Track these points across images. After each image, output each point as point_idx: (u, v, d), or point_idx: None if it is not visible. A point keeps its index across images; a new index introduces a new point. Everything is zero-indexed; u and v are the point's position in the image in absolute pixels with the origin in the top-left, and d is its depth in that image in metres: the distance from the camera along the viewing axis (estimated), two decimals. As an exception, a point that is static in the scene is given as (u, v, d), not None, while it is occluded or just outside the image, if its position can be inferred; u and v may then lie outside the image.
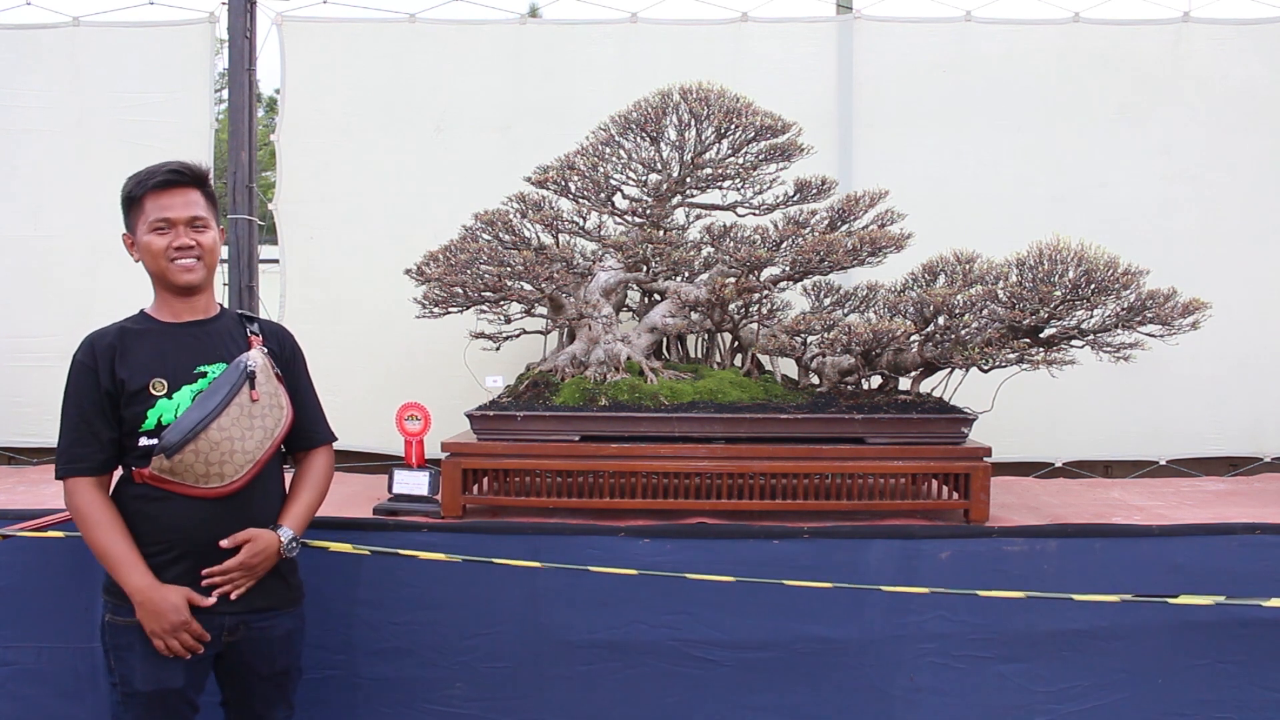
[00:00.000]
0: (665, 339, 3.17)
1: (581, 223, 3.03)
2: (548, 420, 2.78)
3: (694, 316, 3.07)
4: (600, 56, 3.85)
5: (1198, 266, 3.62)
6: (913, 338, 2.85)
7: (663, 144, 3.05)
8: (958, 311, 2.79)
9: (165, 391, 2.09)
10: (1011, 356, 2.71)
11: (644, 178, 3.11)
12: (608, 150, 3.06)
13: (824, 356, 2.94)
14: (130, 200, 2.15)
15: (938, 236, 3.16)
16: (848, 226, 3.13)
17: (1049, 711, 2.65)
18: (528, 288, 2.90)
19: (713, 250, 2.99)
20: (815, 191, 3.13)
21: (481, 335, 3.14)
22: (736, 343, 3.16)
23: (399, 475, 2.84)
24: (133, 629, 2.07)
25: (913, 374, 2.92)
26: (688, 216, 3.24)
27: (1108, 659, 2.65)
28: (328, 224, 3.87)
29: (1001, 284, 2.76)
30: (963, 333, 2.78)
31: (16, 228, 3.91)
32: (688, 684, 2.65)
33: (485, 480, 2.85)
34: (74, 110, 3.89)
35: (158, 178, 2.12)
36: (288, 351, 2.31)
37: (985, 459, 2.75)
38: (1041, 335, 2.78)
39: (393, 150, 3.85)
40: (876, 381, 3.02)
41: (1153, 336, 2.75)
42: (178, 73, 3.87)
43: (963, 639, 2.64)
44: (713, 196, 3.20)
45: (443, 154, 3.85)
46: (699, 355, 3.26)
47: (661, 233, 2.97)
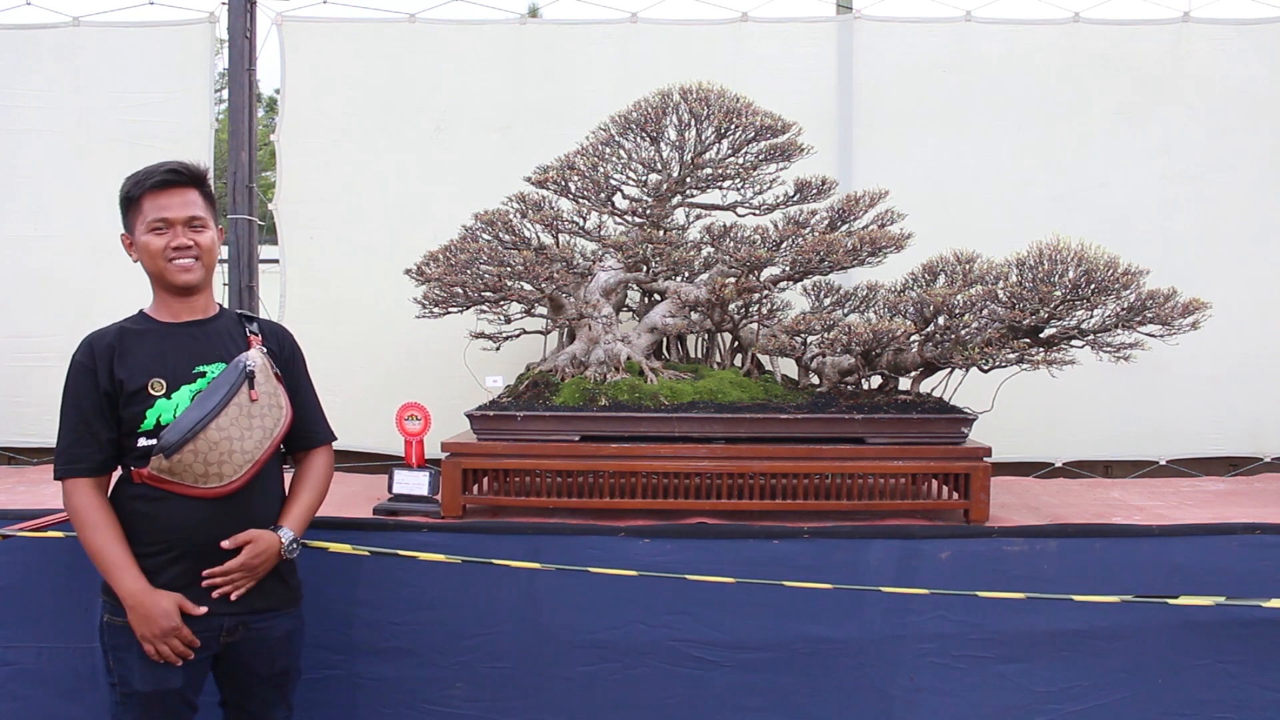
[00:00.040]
0: (665, 339, 3.17)
1: (581, 223, 3.03)
2: (548, 420, 2.78)
3: (694, 316, 3.07)
4: (600, 56, 3.85)
5: (1198, 266, 3.62)
6: (913, 338, 2.85)
7: (663, 144, 3.05)
8: (958, 311, 2.79)
9: (164, 391, 2.09)
10: (1011, 356, 2.71)
11: (644, 178, 3.11)
12: (608, 150, 3.06)
13: (824, 356, 2.94)
14: (128, 200, 2.15)
15: (938, 236, 3.16)
16: (848, 226, 3.13)
17: (1049, 711, 2.65)
18: (528, 288, 2.89)
19: (713, 250, 2.99)
20: (815, 191, 3.13)
21: (481, 335, 3.14)
22: (736, 343, 3.16)
23: (399, 475, 2.84)
24: (131, 630, 2.07)
25: (913, 374, 2.92)
26: (688, 216, 3.24)
27: (1108, 659, 2.65)
28: (328, 224, 3.87)
29: (1001, 284, 2.76)
30: (963, 333, 2.78)
31: (16, 228, 3.91)
32: (688, 684, 2.65)
33: (485, 480, 2.85)
34: (74, 110, 3.89)
35: (155, 178, 2.12)
36: (287, 351, 2.31)
37: (985, 459, 2.75)
38: (1041, 335, 2.78)
39: (393, 150, 3.85)
40: (876, 381, 3.02)
41: (1153, 336, 2.75)
42: (178, 73, 3.87)
43: (963, 639, 2.64)
44: (713, 196, 3.20)
45: (443, 154, 3.85)
46: (699, 355, 3.26)
47: (661, 233, 2.96)
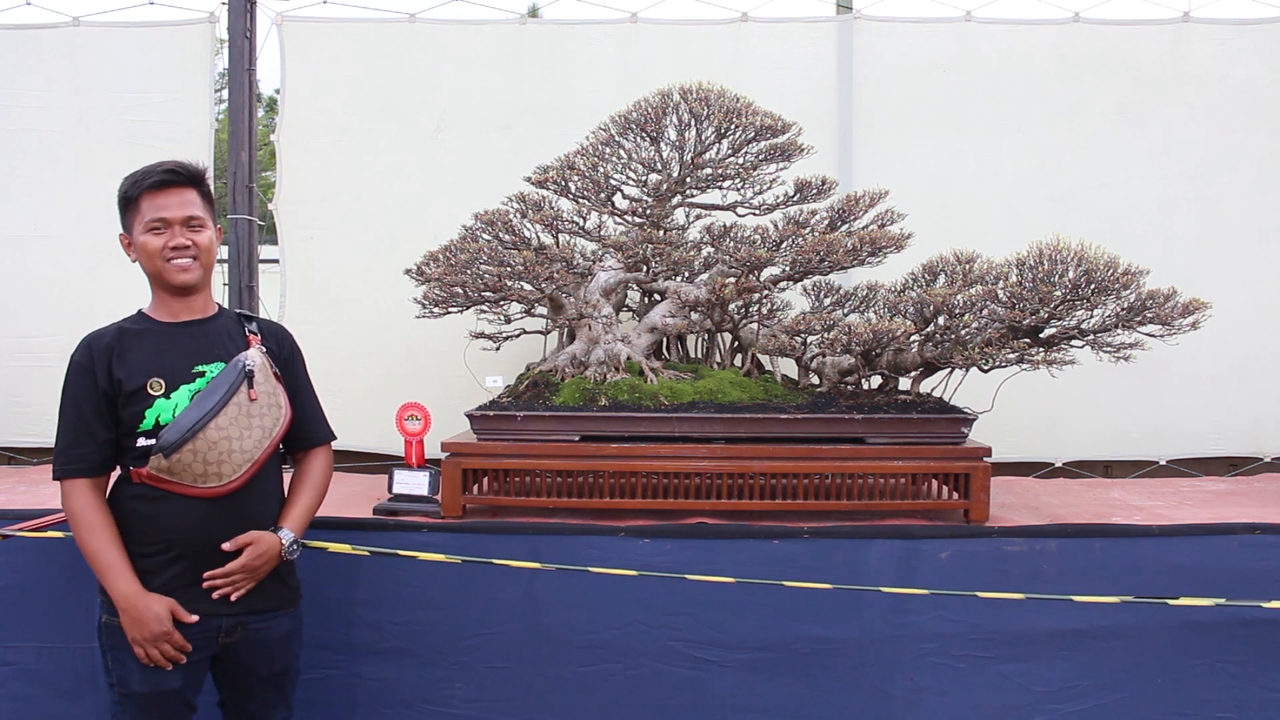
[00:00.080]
0: (665, 339, 3.17)
1: (581, 223, 3.03)
2: (548, 420, 2.77)
3: (694, 316, 3.07)
4: (600, 56, 3.85)
5: (1198, 266, 3.62)
6: (913, 338, 2.85)
7: (663, 144, 3.05)
8: (958, 311, 2.79)
9: (163, 391, 2.09)
10: (1011, 356, 2.71)
11: (644, 178, 3.11)
12: (608, 150, 3.06)
13: (824, 356, 2.94)
14: (126, 200, 2.15)
15: (938, 236, 3.16)
16: (848, 226, 3.13)
17: (1049, 711, 2.65)
18: (528, 288, 2.89)
19: (713, 250, 2.99)
20: (815, 191, 3.13)
21: (481, 335, 3.14)
22: (736, 343, 3.16)
23: (399, 475, 2.84)
24: (129, 630, 2.07)
25: (913, 374, 2.92)
26: (688, 216, 3.24)
27: (1108, 659, 2.65)
28: (328, 224, 3.87)
29: (1001, 284, 2.76)
30: (963, 333, 2.78)
31: (16, 228, 3.91)
32: (688, 684, 2.65)
33: (485, 480, 2.85)
34: (74, 110, 3.89)
35: (153, 178, 2.12)
36: (286, 350, 2.31)
37: (985, 459, 2.75)
38: (1041, 335, 2.78)
39: (393, 150, 3.85)
40: (876, 381, 3.02)
41: (1153, 336, 2.75)
42: (178, 73, 3.87)
43: (963, 639, 2.64)
44: (713, 196, 3.20)
45: (443, 154, 3.85)
46: (699, 355, 3.26)
47: (661, 233, 2.96)
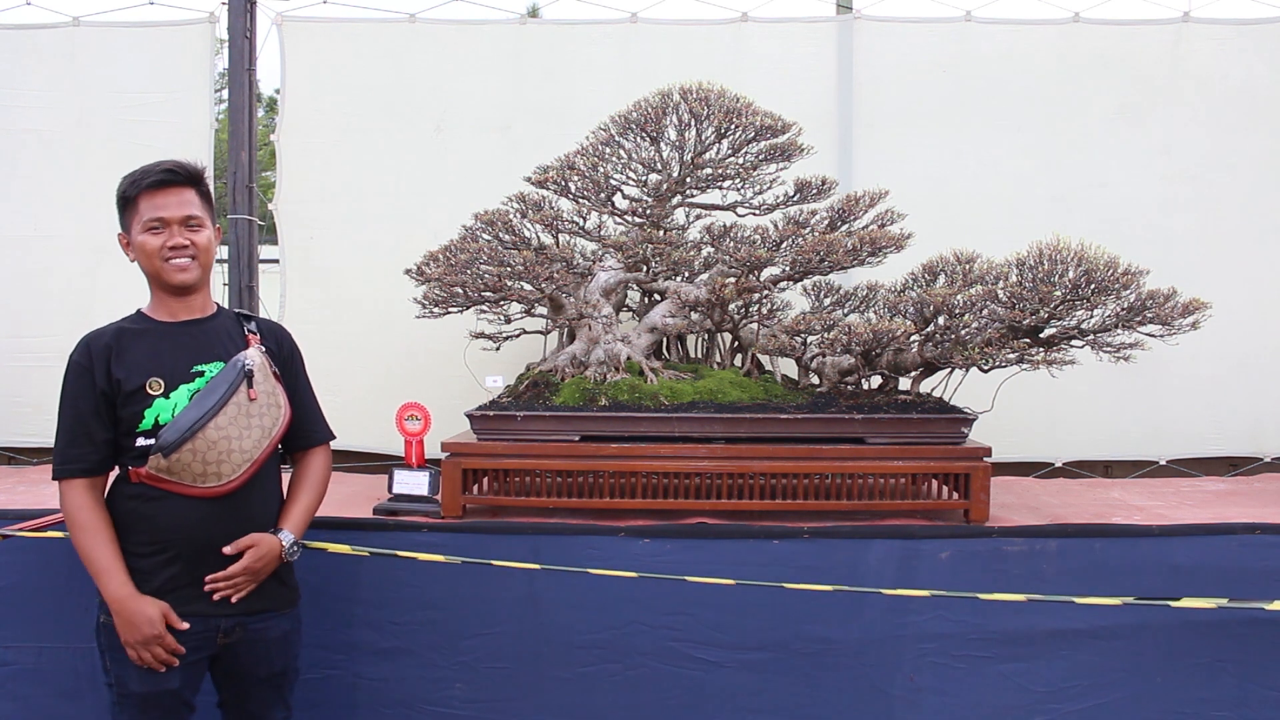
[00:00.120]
0: (665, 339, 3.17)
1: (581, 223, 3.03)
2: (548, 420, 2.77)
3: (694, 316, 3.07)
4: (600, 56, 3.85)
5: (1198, 266, 3.62)
6: (913, 338, 2.85)
7: (663, 144, 3.05)
8: (958, 311, 2.78)
9: (162, 391, 2.09)
10: (1011, 356, 2.70)
11: (644, 178, 3.11)
12: (608, 150, 3.06)
13: (824, 356, 2.94)
14: (124, 200, 2.15)
15: (938, 236, 3.16)
16: (848, 226, 3.13)
17: (1049, 711, 2.65)
18: (528, 288, 2.89)
19: (713, 250, 2.99)
20: (815, 191, 3.13)
21: (481, 335, 3.14)
22: (736, 343, 3.16)
23: (399, 475, 2.84)
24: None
25: (913, 374, 2.92)
26: (688, 216, 3.24)
27: (1108, 658, 2.65)
28: (328, 224, 3.87)
29: (1001, 284, 2.76)
30: (963, 333, 2.78)
31: (16, 228, 3.91)
32: (688, 684, 2.65)
33: (485, 480, 2.85)
34: (74, 110, 3.89)
35: (151, 177, 2.12)
36: (285, 350, 2.31)
37: (985, 459, 2.75)
38: (1041, 335, 2.78)
39: (393, 150, 3.85)
40: (876, 381, 3.02)
41: (1153, 336, 2.75)
42: (178, 73, 3.87)
43: (963, 639, 2.64)
44: (713, 196, 3.20)
45: (443, 154, 3.85)
46: (699, 355, 3.26)
47: (661, 233, 2.96)
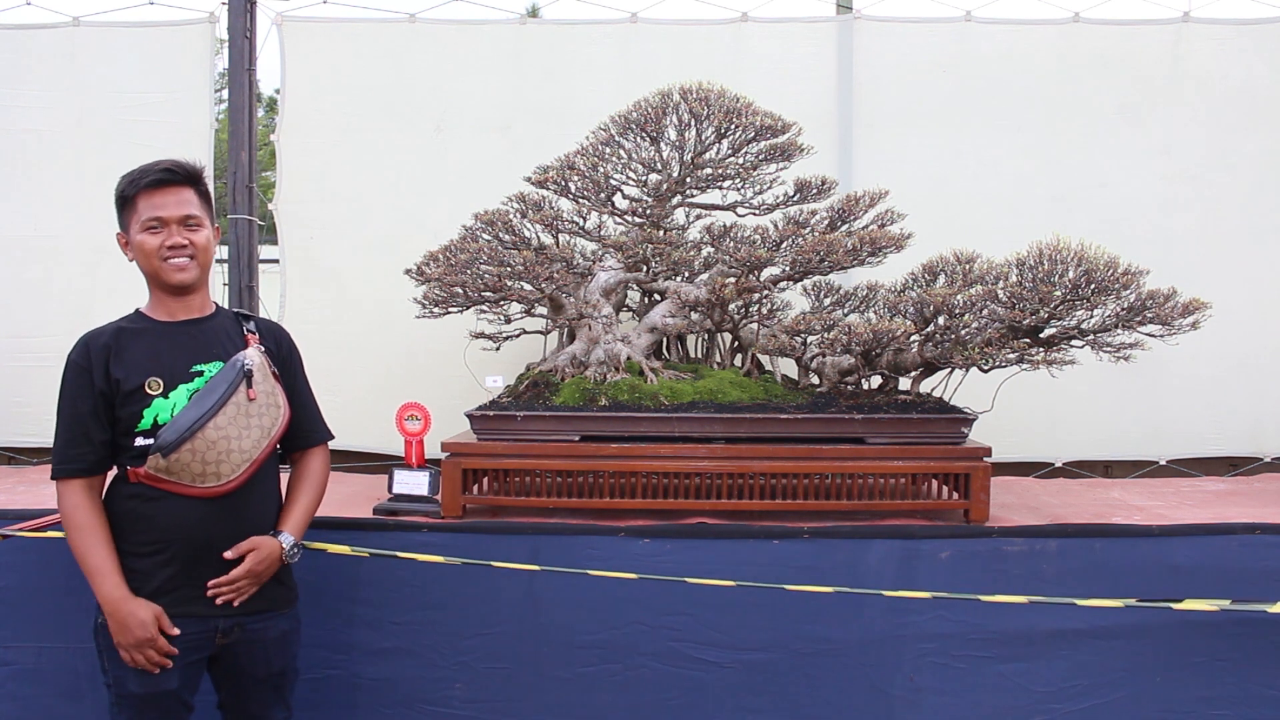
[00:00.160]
0: (665, 339, 3.17)
1: (581, 223, 3.03)
2: (548, 420, 2.77)
3: (694, 316, 3.07)
4: (600, 56, 3.85)
5: (1198, 266, 3.62)
6: (913, 338, 2.85)
7: (663, 144, 3.05)
8: (958, 311, 2.78)
9: (161, 391, 2.08)
10: (1011, 356, 2.70)
11: (644, 178, 3.10)
12: (608, 150, 3.05)
13: (824, 356, 2.94)
14: (123, 199, 2.15)
15: (938, 236, 3.16)
16: (848, 226, 3.13)
17: (1049, 711, 2.65)
18: (528, 288, 2.89)
19: (713, 250, 2.99)
20: (815, 191, 3.13)
21: (481, 335, 3.14)
22: (736, 343, 3.16)
23: (399, 475, 2.84)
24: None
25: (913, 374, 2.92)
26: (688, 216, 3.24)
27: (1107, 658, 2.65)
28: (328, 224, 3.87)
29: (1001, 284, 2.76)
30: (963, 333, 2.78)
31: (16, 228, 3.91)
32: (687, 684, 2.65)
33: (485, 480, 2.85)
34: (74, 110, 3.89)
35: (150, 177, 2.12)
36: (284, 350, 2.31)
37: (985, 459, 2.75)
38: (1041, 335, 2.78)
39: (393, 150, 3.85)
40: (876, 381, 3.02)
41: (1153, 336, 2.75)
42: (178, 73, 3.87)
43: (963, 639, 2.64)
44: (713, 196, 3.20)
45: (443, 154, 3.85)
46: (699, 355, 3.26)
47: (661, 233, 2.96)
